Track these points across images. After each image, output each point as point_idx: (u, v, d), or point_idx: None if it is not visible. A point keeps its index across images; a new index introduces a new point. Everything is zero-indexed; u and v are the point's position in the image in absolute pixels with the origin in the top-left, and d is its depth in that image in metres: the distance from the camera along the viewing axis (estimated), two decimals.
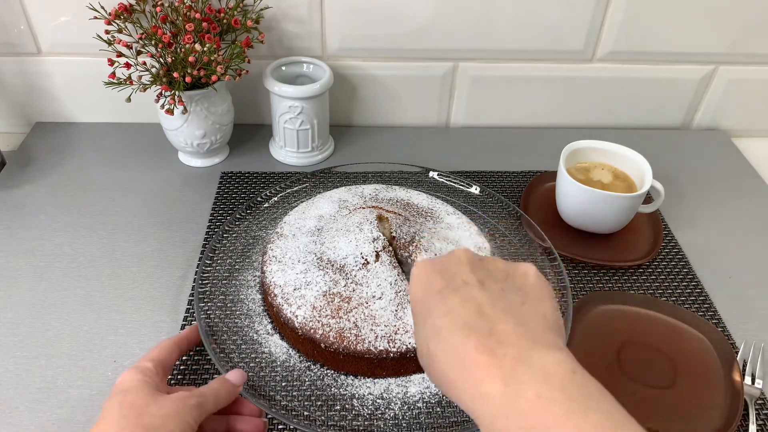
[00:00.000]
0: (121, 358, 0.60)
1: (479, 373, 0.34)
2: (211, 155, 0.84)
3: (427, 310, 0.39)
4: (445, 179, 0.80)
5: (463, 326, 0.37)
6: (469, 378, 0.35)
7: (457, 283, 0.40)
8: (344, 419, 0.54)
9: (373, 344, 0.55)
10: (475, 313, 0.37)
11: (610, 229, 0.74)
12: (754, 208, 0.82)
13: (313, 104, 0.79)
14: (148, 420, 0.44)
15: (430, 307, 0.39)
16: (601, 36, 0.86)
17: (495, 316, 0.37)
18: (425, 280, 0.41)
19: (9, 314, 0.64)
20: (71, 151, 0.86)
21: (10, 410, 0.55)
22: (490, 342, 0.35)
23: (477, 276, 0.40)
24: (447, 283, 0.40)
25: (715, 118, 0.96)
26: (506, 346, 0.35)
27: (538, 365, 0.34)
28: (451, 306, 0.38)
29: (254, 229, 0.72)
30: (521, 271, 0.42)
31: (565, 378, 0.34)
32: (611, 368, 0.60)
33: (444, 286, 0.40)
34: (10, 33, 0.82)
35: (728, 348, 0.62)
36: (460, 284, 0.40)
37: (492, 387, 0.34)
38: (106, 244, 0.72)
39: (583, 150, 0.76)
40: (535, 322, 0.37)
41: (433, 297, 0.40)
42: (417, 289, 0.42)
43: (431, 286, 0.40)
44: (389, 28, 0.84)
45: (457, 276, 0.40)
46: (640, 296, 0.68)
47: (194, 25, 0.71)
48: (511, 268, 0.42)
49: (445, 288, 0.40)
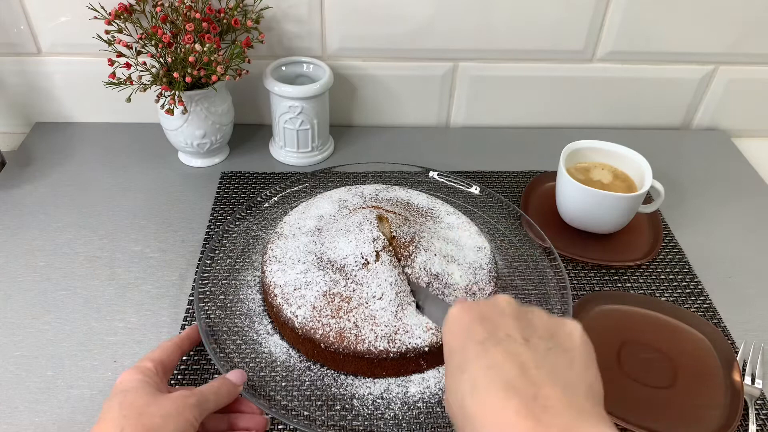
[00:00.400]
0: (121, 358, 0.60)
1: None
2: (211, 155, 0.84)
3: (465, 362, 0.36)
4: (445, 179, 0.80)
5: (505, 385, 0.34)
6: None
7: (500, 335, 0.37)
8: (344, 419, 0.54)
9: (373, 344, 0.55)
10: (520, 373, 0.34)
11: (610, 229, 0.74)
12: (754, 208, 0.82)
13: (313, 104, 0.79)
14: (148, 420, 0.44)
15: (469, 358, 0.36)
16: (601, 36, 0.86)
17: (540, 378, 0.34)
18: (465, 326, 0.38)
19: (9, 314, 0.64)
20: (71, 151, 0.86)
21: (10, 410, 0.55)
22: (535, 407, 0.32)
23: (522, 330, 0.37)
24: (489, 334, 0.37)
25: (715, 118, 0.96)
26: (552, 414, 0.32)
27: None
28: (494, 361, 0.35)
29: (254, 229, 0.72)
30: (567, 331, 0.39)
31: None
32: (611, 368, 0.60)
33: (486, 338, 0.37)
34: (10, 33, 0.82)
35: (728, 348, 0.62)
36: (503, 337, 0.37)
37: None
38: (106, 244, 0.72)
39: (583, 150, 0.76)
40: (583, 391, 0.35)
41: (473, 347, 0.37)
42: (455, 334, 0.39)
43: (472, 335, 0.37)
44: (389, 28, 0.84)
45: (501, 328, 0.37)
46: (640, 296, 0.68)
47: (194, 25, 0.71)
48: (557, 325, 0.39)
49: (488, 339, 0.37)
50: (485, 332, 0.37)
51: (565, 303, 0.63)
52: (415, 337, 0.56)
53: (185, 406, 0.46)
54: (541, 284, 0.67)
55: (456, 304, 0.40)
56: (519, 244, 0.72)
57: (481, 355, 0.36)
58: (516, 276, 0.69)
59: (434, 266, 0.61)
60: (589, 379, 0.36)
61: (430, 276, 0.60)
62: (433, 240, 0.63)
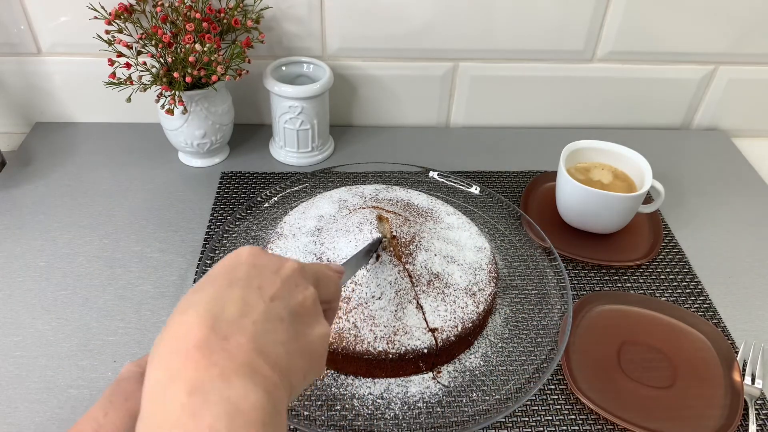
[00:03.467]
0: (121, 358, 0.60)
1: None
2: (211, 155, 0.84)
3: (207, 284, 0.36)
4: (445, 179, 0.80)
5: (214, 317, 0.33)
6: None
7: (253, 284, 0.36)
8: (344, 419, 0.54)
9: (372, 345, 0.55)
10: (236, 316, 0.34)
11: (610, 229, 0.74)
12: (754, 208, 0.82)
13: (313, 104, 0.79)
14: (133, 404, 0.44)
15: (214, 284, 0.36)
16: (601, 36, 0.86)
17: (248, 330, 0.33)
18: (236, 263, 0.38)
19: (9, 314, 0.64)
20: (71, 151, 0.86)
21: (10, 410, 0.55)
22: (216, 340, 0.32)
23: (276, 292, 0.37)
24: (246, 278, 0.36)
25: (715, 118, 0.96)
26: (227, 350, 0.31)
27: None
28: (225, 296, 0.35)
29: (254, 229, 0.72)
30: (318, 332, 0.38)
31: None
32: (611, 368, 0.60)
33: (239, 279, 0.36)
34: (10, 33, 0.82)
35: (728, 348, 0.62)
36: (254, 287, 0.36)
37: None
38: (106, 244, 0.72)
39: (583, 150, 0.76)
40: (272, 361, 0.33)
41: (223, 279, 0.36)
42: (225, 262, 0.38)
43: (234, 271, 0.37)
44: (389, 28, 0.84)
45: (261, 280, 0.37)
46: (639, 296, 0.68)
47: (194, 25, 0.71)
48: (316, 317, 0.38)
49: (239, 281, 0.36)
50: (245, 276, 0.36)
51: (565, 303, 0.63)
52: (414, 339, 0.56)
53: None
54: (541, 284, 0.67)
55: (252, 247, 0.39)
56: (519, 244, 0.72)
57: (224, 287, 0.35)
58: (516, 276, 0.69)
59: (435, 266, 0.61)
60: (291, 370, 0.34)
61: (431, 275, 0.60)
62: (433, 240, 0.63)
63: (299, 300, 0.37)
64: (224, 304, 0.33)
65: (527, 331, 0.63)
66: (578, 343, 0.62)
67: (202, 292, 0.35)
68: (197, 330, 0.31)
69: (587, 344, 0.62)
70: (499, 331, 0.63)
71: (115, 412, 0.44)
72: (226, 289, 0.35)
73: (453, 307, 0.59)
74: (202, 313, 0.32)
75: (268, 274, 0.37)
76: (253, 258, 0.38)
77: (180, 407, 0.29)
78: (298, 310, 0.36)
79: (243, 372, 0.30)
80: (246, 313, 0.33)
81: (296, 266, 0.39)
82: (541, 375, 0.57)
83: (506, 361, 0.60)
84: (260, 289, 0.35)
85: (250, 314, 0.33)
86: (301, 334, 0.36)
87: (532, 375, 0.58)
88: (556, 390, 0.59)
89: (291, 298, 0.36)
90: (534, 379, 0.57)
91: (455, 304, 0.59)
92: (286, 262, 0.39)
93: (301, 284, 0.38)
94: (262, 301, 0.35)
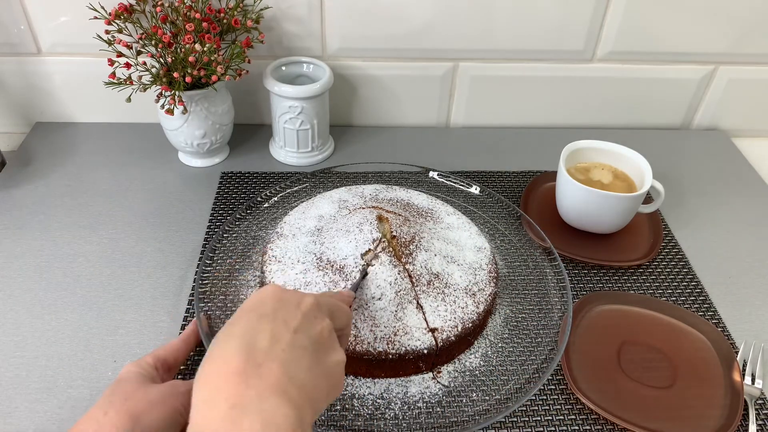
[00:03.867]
0: (121, 358, 0.60)
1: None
2: (211, 155, 0.84)
3: (240, 320, 0.41)
4: (445, 179, 0.80)
5: (247, 346, 0.39)
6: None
7: (279, 317, 0.42)
8: (344, 419, 0.54)
9: (372, 345, 0.55)
10: (268, 345, 0.39)
11: (610, 229, 0.74)
12: (754, 208, 0.82)
13: (313, 104, 0.79)
14: (133, 404, 0.45)
15: (245, 319, 0.41)
16: (601, 36, 0.86)
17: (278, 357, 0.39)
18: (263, 299, 0.43)
19: (9, 314, 0.63)
20: (71, 151, 0.86)
21: (10, 410, 0.55)
22: (252, 367, 0.37)
23: (299, 323, 0.42)
24: (273, 312, 0.42)
25: (715, 118, 0.96)
26: (260, 378, 0.37)
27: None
28: (257, 329, 0.40)
29: (254, 229, 0.72)
30: (335, 360, 0.43)
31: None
32: (611, 368, 0.60)
33: (267, 314, 0.42)
34: (10, 33, 0.82)
35: (728, 348, 0.62)
36: (280, 320, 0.41)
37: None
38: (106, 244, 0.72)
39: (583, 150, 0.76)
40: (298, 386, 0.38)
41: (255, 315, 0.42)
42: (253, 299, 0.43)
43: (262, 307, 0.42)
44: (389, 28, 0.84)
45: (285, 314, 0.42)
46: (639, 296, 0.68)
47: (194, 25, 0.71)
48: (333, 345, 0.44)
49: (267, 315, 0.41)
50: (272, 309, 0.41)
51: (565, 303, 0.63)
52: (414, 339, 0.56)
53: (173, 394, 0.47)
54: (541, 284, 0.67)
55: (275, 285, 0.45)
56: (519, 244, 0.72)
57: (254, 320, 0.40)
58: (516, 276, 0.69)
59: (435, 266, 0.61)
60: (315, 391, 0.39)
61: (431, 275, 0.60)
62: (433, 240, 0.63)
63: (318, 331, 0.42)
64: (256, 335, 0.39)
65: (527, 331, 0.63)
66: (578, 343, 0.62)
67: (237, 326, 0.40)
68: (236, 359, 0.37)
69: (587, 344, 0.62)
70: (499, 331, 0.63)
71: (115, 412, 0.44)
72: (257, 323, 0.40)
73: (453, 307, 0.59)
74: (238, 344, 0.38)
75: (291, 309, 0.42)
76: (277, 294, 0.43)
77: (222, 417, 0.34)
78: (318, 339, 0.42)
79: (275, 392, 0.36)
80: (275, 343, 0.39)
81: (313, 301, 0.44)
82: (541, 375, 0.57)
83: (506, 361, 0.60)
84: (285, 322, 0.41)
85: (279, 344, 0.39)
86: (321, 361, 0.41)
87: (532, 375, 0.58)
88: (556, 390, 0.59)
89: (311, 329, 0.42)
90: (534, 379, 0.57)
91: (455, 304, 0.59)
92: (305, 297, 0.44)
93: (318, 316, 0.43)
94: (288, 332, 0.40)
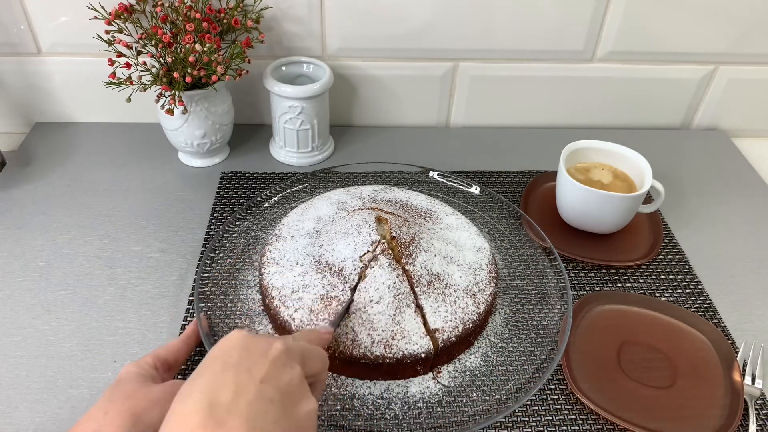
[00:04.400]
0: (121, 358, 0.60)
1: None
2: (211, 155, 0.84)
3: (204, 371, 0.39)
4: (445, 179, 0.80)
5: (210, 402, 0.36)
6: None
7: (243, 365, 0.39)
8: (344, 419, 0.54)
9: (369, 349, 0.55)
10: (231, 398, 0.37)
11: (610, 229, 0.74)
12: (754, 208, 0.82)
13: (313, 104, 0.79)
14: (133, 403, 0.45)
15: (210, 369, 0.39)
16: (601, 36, 0.86)
17: (243, 411, 0.37)
18: (229, 347, 0.40)
19: (9, 314, 0.63)
20: (71, 151, 0.86)
21: (10, 410, 0.55)
22: (215, 424, 0.35)
23: (266, 373, 0.39)
24: (238, 361, 0.39)
25: (715, 118, 0.96)
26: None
27: None
28: (220, 381, 0.38)
29: (254, 230, 0.72)
30: (306, 409, 0.40)
31: None
32: (611, 368, 0.60)
33: (233, 363, 0.39)
34: (10, 33, 0.82)
35: (728, 348, 0.62)
36: (244, 370, 0.39)
37: None
38: (106, 244, 0.72)
39: (583, 150, 0.76)
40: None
41: (220, 364, 0.39)
42: (218, 347, 0.41)
43: (228, 356, 0.40)
44: (389, 28, 0.84)
45: (251, 362, 0.40)
46: (639, 296, 0.68)
47: (194, 25, 0.71)
48: (301, 393, 0.41)
49: (233, 366, 0.39)
50: (237, 357, 0.39)
51: (565, 303, 0.63)
52: (412, 343, 0.56)
53: (173, 393, 0.47)
54: (541, 284, 0.67)
55: (241, 330, 0.42)
56: (519, 244, 0.72)
57: (218, 372, 0.38)
58: (516, 276, 0.69)
59: (435, 266, 0.61)
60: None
61: (431, 276, 0.60)
62: (432, 241, 0.63)
63: (287, 380, 0.39)
64: (219, 388, 0.37)
65: (527, 331, 0.63)
66: (578, 343, 0.62)
67: (199, 379, 0.38)
68: (197, 416, 0.35)
69: (587, 344, 0.62)
70: (499, 331, 0.63)
71: (116, 412, 0.44)
72: (220, 374, 0.38)
73: (453, 308, 0.59)
74: (198, 400, 0.36)
75: (257, 357, 0.39)
76: (244, 341, 0.40)
77: None
78: (287, 389, 0.39)
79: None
80: (239, 396, 0.36)
81: (282, 347, 0.41)
82: (541, 375, 0.57)
83: (506, 361, 0.60)
84: (250, 371, 0.38)
85: (243, 397, 0.36)
86: (290, 412, 0.38)
87: (532, 375, 0.58)
88: (556, 390, 0.59)
89: (280, 379, 0.39)
90: (534, 379, 0.57)
91: (456, 305, 0.59)
92: (273, 344, 0.41)
93: (288, 364, 0.40)
94: (252, 383, 0.37)
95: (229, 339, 0.41)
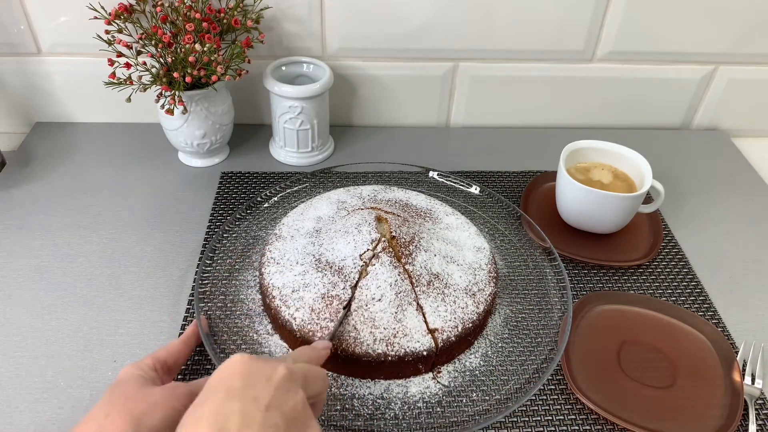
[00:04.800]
0: (121, 358, 0.60)
1: None
2: (211, 155, 0.84)
3: (208, 400, 0.39)
4: (444, 179, 0.80)
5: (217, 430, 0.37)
6: None
7: (249, 394, 0.39)
8: (344, 419, 0.54)
9: (371, 347, 0.55)
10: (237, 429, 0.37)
11: (610, 229, 0.74)
12: (754, 208, 0.82)
13: (313, 104, 0.79)
14: (133, 405, 0.45)
15: (213, 398, 0.39)
16: (601, 36, 0.86)
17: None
18: (231, 373, 0.40)
19: (9, 314, 0.63)
20: (71, 151, 0.86)
21: (10, 410, 0.55)
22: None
23: (271, 399, 0.40)
24: (242, 388, 0.39)
25: (715, 118, 0.96)
26: None
27: None
28: (226, 410, 0.38)
29: (254, 230, 0.72)
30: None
31: None
32: (611, 368, 0.60)
33: (236, 389, 0.39)
34: (10, 33, 0.82)
35: (728, 348, 0.62)
36: (250, 397, 0.39)
37: None
38: (106, 244, 0.72)
39: (583, 150, 0.76)
40: None
41: (222, 392, 0.39)
42: (219, 372, 0.41)
43: (230, 382, 0.40)
44: (389, 28, 0.84)
45: (256, 389, 0.40)
46: (639, 296, 0.68)
47: (194, 25, 0.71)
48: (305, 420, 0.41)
49: (236, 392, 0.39)
50: (241, 384, 0.39)
51: (565, 303, 0.63)
52: (414, 341, 0.56)
53: (173, 396, 0.47)
54: (541, 284, 0.67)
55: (243, 355, 0.42)
56: (519, 244, 0.72)
57: (223, 400, 0.38)
58: (516, 276, 0.69)
59: (434, 266, 0.61)
60: None
61: (431, 275, 0.60)
62: (432, 240, 0.63)
63: (291, 406, 0.40)
64: (226, 417, 0.37)
65: (527, 331, 0.63)
66: (578, 343, 0.62)
67: (204, 407, 0.38)
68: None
69: (587, 344, 0.62)
70: (499, 331, 0.63)
71: (116, 414, 0.44)
72: (225, 402, 0.38)
73: (453, 308, 0.59)
74: (206, 429, 0.36)
75: (261, 384, 0.39)
76: (246, 367, 0.40)
77: None
78: (291, 415, 0.39)
79: None
80: (246, 425, 0.36)
81: (285, 372, 0.41)
82: (541, 375, 0.57)
83: (506, 361, 0.60)
84: (256, 399, 0.38)
85: (250, 425, 0.37)
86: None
87: (532, 375, 0.58)
88: (556, 390, 0.59)
89: (284, 405, 0.39)
90: (534, 379, 0.57)
91: (455, 305, 0.59)
92: (276, 368, 0.41)
93: (291, 389, 0.41)
94: (259, 411, 0.38)
95: (231, 364, 0.41)
